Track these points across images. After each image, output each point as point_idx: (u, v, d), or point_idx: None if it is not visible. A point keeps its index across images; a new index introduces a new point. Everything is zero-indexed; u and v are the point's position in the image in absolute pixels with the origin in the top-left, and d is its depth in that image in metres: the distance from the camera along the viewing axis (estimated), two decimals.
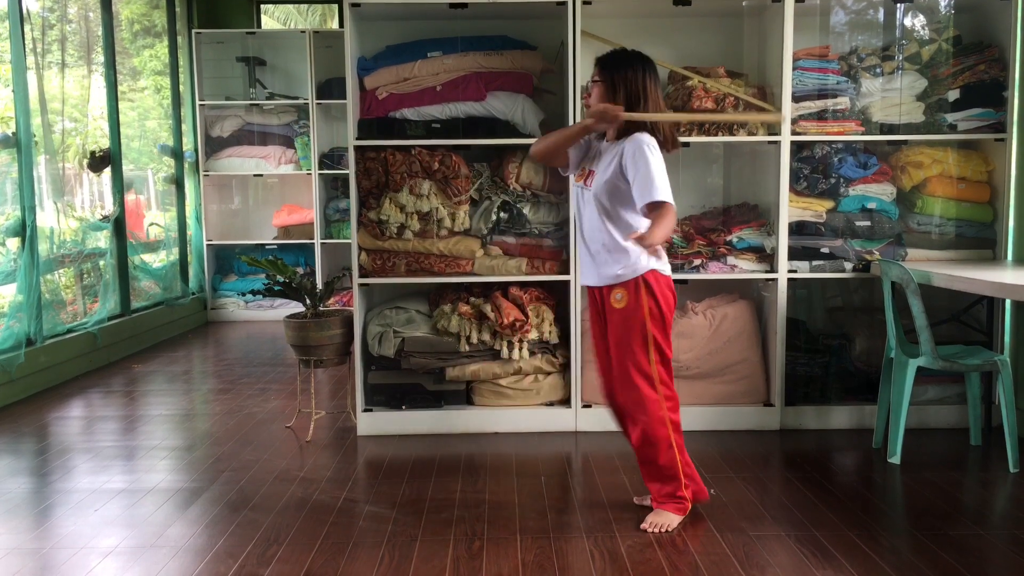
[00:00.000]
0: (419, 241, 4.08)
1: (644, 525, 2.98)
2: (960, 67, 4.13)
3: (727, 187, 4.56)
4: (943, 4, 4.30)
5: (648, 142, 2.87)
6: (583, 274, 3.13)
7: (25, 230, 5.00)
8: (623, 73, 2.92)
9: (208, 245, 7.83)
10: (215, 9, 8.18)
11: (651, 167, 2.81)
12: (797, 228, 4.14)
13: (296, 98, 7.65)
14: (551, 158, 3.16)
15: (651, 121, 2.93)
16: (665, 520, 2.99)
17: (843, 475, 3.59)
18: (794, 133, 4.05)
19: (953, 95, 4.12)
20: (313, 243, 7.60)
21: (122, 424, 4.48)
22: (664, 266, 3.00)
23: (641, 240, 2.73)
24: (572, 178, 3.22)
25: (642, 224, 2.92)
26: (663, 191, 2.80)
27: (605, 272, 2.98)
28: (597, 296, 3.08)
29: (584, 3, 3.98)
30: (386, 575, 2.66)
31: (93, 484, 3.52)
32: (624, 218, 2.94)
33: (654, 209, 2.81)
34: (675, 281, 4.10)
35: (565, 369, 4.18)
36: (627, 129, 2.92)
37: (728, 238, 4.15)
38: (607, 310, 3.02)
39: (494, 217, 4.13)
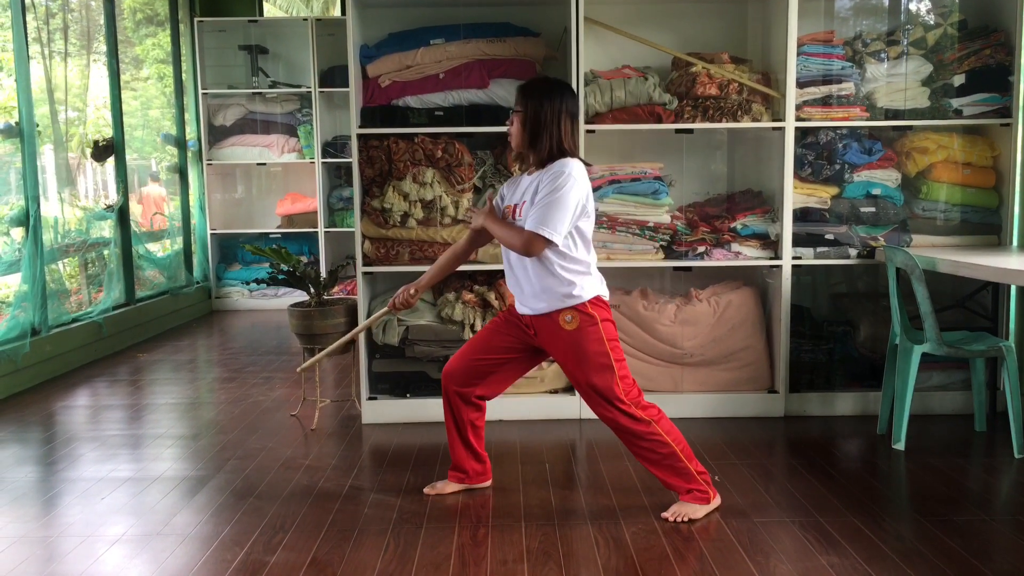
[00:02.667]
0: (423, 229, 4.07)
1: (665, 514, 2.98)
2: (966, 52, 4.10)
3: (731, 174, 4.55)
4: None
5: (569, 170, 2.82)
6: (517, 302, 3.05)
7: (28, 219, 5.01)
8: (538, 103, 2.89)
9: (212, 234, 7.84)
10: None
11: (558, 198, 2.78)
12: (801, 215, 4.12)
13: (299, 86, 7.63)
14: (457, 265, 3.25)
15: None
16: (687, 510, 2.97)
17: (847, 461, 3.59)
18: (799, 119, 4.03)
19: (959, 80, 4.10)
20: (317, 232, 7.61)
21: (128, 413, 4.49)
22: (604, 290, 2.99)
23: (477, 216, 2.97)
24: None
25: (578, 250, 2.90)
26: (551, 228, 2.78)
27: (546, 300, 2.92)
28: (528, 323, 3.01)
29: None
30: (391, 562, 2.68)
31: (99, 472, 3.54)
32: (565, 239, 2.87)
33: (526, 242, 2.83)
34: (679, 268, 4.17)
35: None
36: (551, 156, 2.89)
37: (732, 225, 4.14)
38: (550, 336, 2.95)
39: None
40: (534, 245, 2.83)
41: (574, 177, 2.83)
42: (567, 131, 2.91)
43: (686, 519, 2.95)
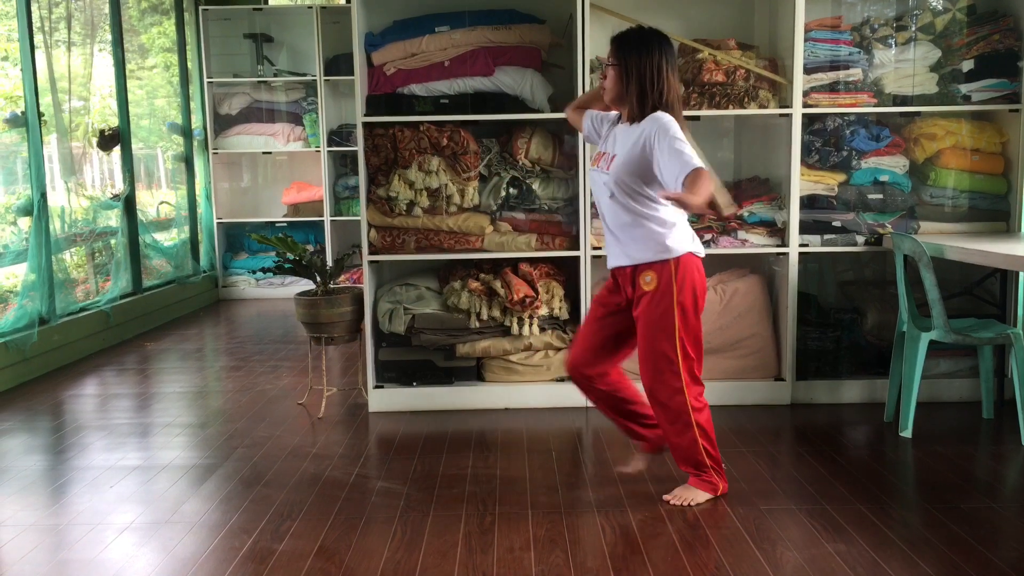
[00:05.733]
0: (428, 218, 4.07)
1: (668, 496, 3.01)
2: (974, 37, 4.07)
3: (738, 161, 4.53)
4: None
5: (669, 120, 2.80)
6: (609, 256, 3.05)
7: (34, 209, 5.01)
8: (638, 56, 2.85)
9: (218, 223, 7.84)
10: None
11: (677, 144, 2.75)
12: (809, 202, 4.11)
13: (304, 75, 7.61)
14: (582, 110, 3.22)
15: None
16: (690, 495, 3.00)
17: (854, 449, 3.59)
18: (806, 106, 4.01)
19: (967, 65, 4.07)
20: (323, 220, 7.61)
21: (136, 402, 4.51)
22: (698, 248, 2.96)
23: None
24: (588, 164, 3.14)
25: (666, 207, 2.89)
26: (696, 159, 2.73)
27: (634, 253, 2.92)
28: (621, 278, 3.01)
29: None
30: (398, 550, 2.69)
31: (108, 461, 3.55)
32: (650, 197, 2.88)
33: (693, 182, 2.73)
34: None
35: None
36: (652, 108, 2.85)
37: (739, 212, 4.13)
38: (636, 292, 2.96)
39: (503, 193, 4.12)
40: (698, 182, 2.63)
41: (674, 122, 2.80)
42: (671, 83, 2.86)
43: (689, 503, 2.97)
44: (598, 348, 3.11)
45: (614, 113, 3.08)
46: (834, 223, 4.10)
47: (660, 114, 2.83)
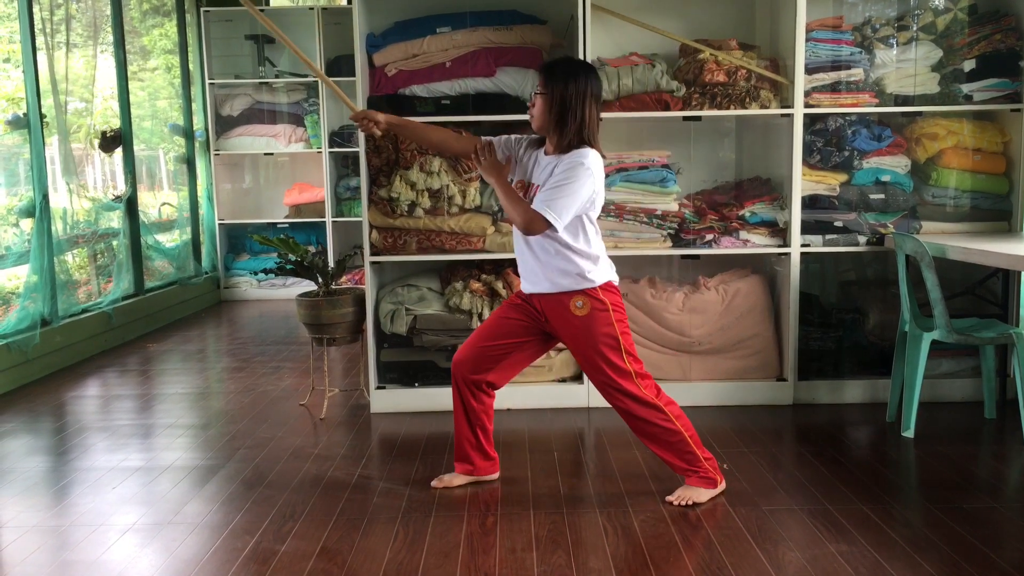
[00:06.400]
0: (430, 218, 4.07)
1: (670, 497, 3.01)
2: (976, 37, 4.07)
3: (739, 161, 4.53)
4: None
5: (588, 162, 2.81)
6: (527, 281, 3.03)
7: (36, 210, 5.01)
8: (564, 86, 2.85)
9: (220, 224, 7.84)
10: None
11: (570, 186, 2.78)
12: (810, 202, 4.11)
13: (305, 76, 7.62)
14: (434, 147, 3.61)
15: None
16: (692, 494, 3.00)
17: (856, 449, 3.59)
18: (807, 106, 4.01)
19: (969, 65, 4.07)
20: (324, 221, 7.61)
21: (138, 403, 4.52)
22: (615, 276, 3.00)
23: (486, 162, 2.98)
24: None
25: (591, 231, 2.91)
26: (556, 212, 2.78)
27: (559, 280, 2.92)
28: (538, 302, 3.00)
29: None
30: (401, 550, 2.69)
31: (110, 462, 3.56)
32: (575, 230, 2.88)
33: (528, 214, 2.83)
34: (687, 256, 4.17)
35: None
36: (572, 143, 2.86)
37: (740, 212, 4.13)
38: (560, 320, 2.96)
39: None
40: (535, 224, 2.81)
41: (590, 170, 2.81)
42: (592, 116, 2.87)
43: (691, 503, 2.97)
44: (490, 348, 3.07)
45: (526, 137, 3.10)
46: (836, 223, 4.10)
47: (581, 153, 2.83)
